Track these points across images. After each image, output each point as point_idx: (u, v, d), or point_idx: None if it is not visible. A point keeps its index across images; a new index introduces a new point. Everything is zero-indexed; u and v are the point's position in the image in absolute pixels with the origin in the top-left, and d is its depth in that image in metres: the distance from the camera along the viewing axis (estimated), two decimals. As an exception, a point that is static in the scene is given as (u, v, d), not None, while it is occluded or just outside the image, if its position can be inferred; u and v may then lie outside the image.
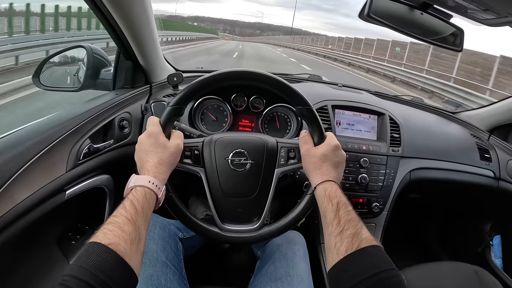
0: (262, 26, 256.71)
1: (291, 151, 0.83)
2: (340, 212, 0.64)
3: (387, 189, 1.24)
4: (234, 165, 0.81)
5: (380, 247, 0.58)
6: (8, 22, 6.79)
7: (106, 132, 1.01)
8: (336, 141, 0.77)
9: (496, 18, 0.81)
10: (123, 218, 0.57)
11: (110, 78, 1.18)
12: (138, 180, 0.65)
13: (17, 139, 0.75)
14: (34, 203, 0.74)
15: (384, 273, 0.53)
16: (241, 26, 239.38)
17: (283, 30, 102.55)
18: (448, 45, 0.97)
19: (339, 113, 1.26)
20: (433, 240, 1.98)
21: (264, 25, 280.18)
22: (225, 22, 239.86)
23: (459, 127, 1.59)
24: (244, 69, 0.79)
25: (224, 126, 1.21)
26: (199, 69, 1.62)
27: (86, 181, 0.92)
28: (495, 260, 1.65)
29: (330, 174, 0.73)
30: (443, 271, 1.15)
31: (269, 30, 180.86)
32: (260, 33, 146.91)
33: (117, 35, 1.03)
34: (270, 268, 0.91)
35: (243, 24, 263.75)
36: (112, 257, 0.50)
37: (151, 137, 0.72)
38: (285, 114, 1.23)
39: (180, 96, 0.77)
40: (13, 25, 6.96)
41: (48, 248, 0.92)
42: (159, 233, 0.93)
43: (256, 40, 79.04)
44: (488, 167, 1.44)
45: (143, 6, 0.99)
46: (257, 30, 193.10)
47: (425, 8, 0.88)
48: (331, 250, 0.61)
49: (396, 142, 1.26)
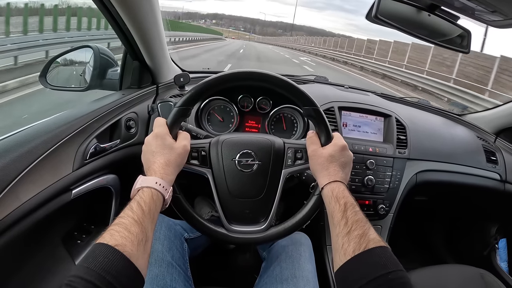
0: (284, 26, 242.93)
1: (298, 151, 0.83)
2: (348, 212, 0.64)
3: (393, 191, 1.23)
4: (241, 166, 0.80)
5: (387, 248, 0.58)
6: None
7: (112, 132, 1.01)
8: (343, 142, 0.77)
9: (503, 20, 0.81)
10: (130, 219, 0.57)
11: (117, 78, 1.18)
12: (145, 181, 0.65)
13: (25, 138, 0.75)
14: (40, 202, 0.74)
15: (391, 274, 0.53)
16: (262, 24, 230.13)
17: (306, 30, 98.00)
18: (455, 46, 0.97)
19: (345, 115, 1.26)
20: (439, 243, 1.97)
21: (286, 24, 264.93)
22: (244, 20, 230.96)
23: (465, 129, 1.58)
24: (251, 70, 0.79)
25: (230, 127, 1.21)
26: (205, 70, 1.62)
27: (92, 180, 0.92)
28: (500, 264, 1.63)
29: (338, 174, 0.73)
30: (449, 274, 1.15)
31: (293, 29, 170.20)
32: (282, 32, 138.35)
33: (124, 35, 1.03)
34: (276, 270, 0.91)
35: (264, 22, 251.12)
36: (118, 258, 0.51)
37: (158, 138, 0.72)
38: (291, 115, 1.23)
39: (187, 97, 0.77)
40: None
41: (53, 247, 0.92)
42: (165, 233, 0.93)
43: (273, 42, 70.10)
44: (494, 169, 1.43)
45: (151, 7, 0.99)
46: (279, 30, 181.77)
47: (432, 9, 0.88)
48: (339, 251, 0.61)
49: (403, 144, 1.26)
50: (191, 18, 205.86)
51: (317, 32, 50.92)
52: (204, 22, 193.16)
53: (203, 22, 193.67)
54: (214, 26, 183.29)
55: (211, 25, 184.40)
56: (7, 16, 6.72)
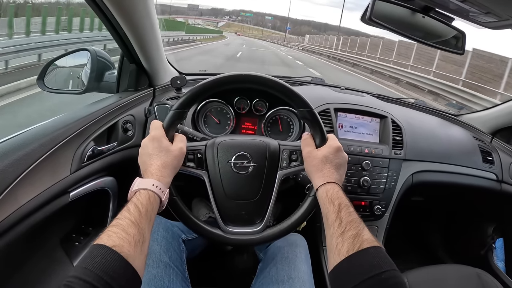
0: (318, 25, 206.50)
1: (293, 153, 0.84)
2: (342, 213, 0.65)
3: (389, 192, 1.24)
4: (236, 168, 0.81)
5: (381, 248, 0.59)
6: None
7: (110, 135, 1.02)
8: (338, 143, 0.78)
9: (497, 21, 0.81)
10: (127, 220, 0.57)
11: (114, 81, 1.18)
12: (142, 183, 0.66)
13: (23, 141, 0.75)
14: (38, 205, 0.74)
15: (385, 274, 0.54)
16: (293, 23, 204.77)
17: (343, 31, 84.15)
18: (450, 48, 0.97)
19: (341, 116, 1.26)
20: (436, 243, 1.98)
21: (319, 23, 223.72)
22: (273, 17, 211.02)
23: (461, 129, 1.59)
24: (247, 73, 0.80)
25: (227, 129, 1.22)
26: (202, 72, 1.63)
27: (90, 183, 0.93)
28: (497, 263, 1.64)
29: (332, 176, 0.73)
30: (446, 274, 1.15)
31: (327, 29, 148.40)
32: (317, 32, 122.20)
33: (120, 38, 1.03)
34: (272, 271, 0.91)
35: (296, 21, 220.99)
36: (116, 259, 0.51)
37: (155, 141, 0.72)
38: (287, 117, 1.24)
39: (182, 99, 0.77)
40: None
41: (52, 249, 0.93)
42: (163, 234, 0.94)
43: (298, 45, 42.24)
44: (490, 169, 1.44)
45: (147, 9, 0.99)
46: (313, 29, 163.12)
47: (426, 11, 0.88)
48: (333, 251, 0.61)
49: (399, 145, 1.27)
50: (214, 14, 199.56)
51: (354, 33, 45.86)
52: (229, 19, 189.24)
53: (227, 18, 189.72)
54: (237, 22, 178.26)
55: (235, 22, 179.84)
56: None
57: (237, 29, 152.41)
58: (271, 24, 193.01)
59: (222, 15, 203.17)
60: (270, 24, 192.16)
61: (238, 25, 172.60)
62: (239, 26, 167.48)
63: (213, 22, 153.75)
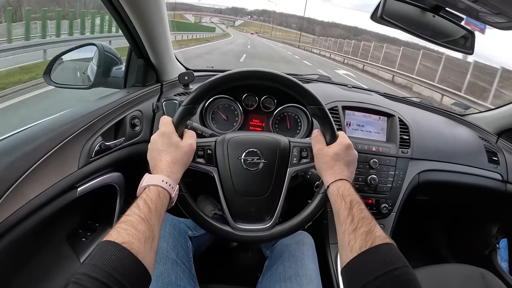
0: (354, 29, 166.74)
1: (303, 150, 0.83)
2: (354, 210, 0.65)
3: (396, 190, 1.24)
4: (247, 164, 0.81)
5: (393, 245, 0.59)
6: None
7: (117, 130, 1.01)
8: (348, 140, 0.78)
9: (507, 22, 0.81)
10: (136, 217, 0.57)
11: (121, 76, 1.18)
12: (152, 179, 0.65)
13: (31, 136, 0.75)
14: (45, 200, 0.74)
15: (398, 270, 0.54)
16: (323, 25, 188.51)
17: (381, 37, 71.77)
18: (459, 47, 0.98)
19: (349, 114, 1.26)
20: (440, 242, 1.98)
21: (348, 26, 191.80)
22: (299, 18, 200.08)
23: (467, 129, 1.59)
24: (257, 69, 0.79)
25: (234, 126, 1.22)
26: (209, 68, 1.62)
27: (97, 178, 0.92)
28: (501, 263, 1.64)
29: (343, 173, 0.73)
30: (450, 273, 1.15)
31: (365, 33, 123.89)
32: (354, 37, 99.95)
33: (130, 33, 1.03)
34: (279, 268, 0.91)
35: (325, 23, 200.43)
36: (126, 256, 0.51)
37: (164, 137, 0.72)
38: (295, 114, 1.24)
39: (193, 95, 0.77)
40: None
41: (58, 245, 0.92)
42: (170, 231, 0.93)
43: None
44: (496, 170, 1.44)
45: (158, 5, 0.99)
46: (345, 32, 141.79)
47: (437, 10, 0.88)
48: (345, 248, 0.61)
49: (406, 144, 1.26)
50: (235, 13, 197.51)
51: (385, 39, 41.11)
52: (250, 18, 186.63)
53: (248, 18, 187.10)
54: (257, 22, 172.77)
55: (255, 21, 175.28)
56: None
57: (256, 28, 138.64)
58: (297, 25, 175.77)
59: (242, 14, 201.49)
60: (296, 25, 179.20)
61: (258, 24, 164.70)
62: (259, 25, 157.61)
63: (229, 20, 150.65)
